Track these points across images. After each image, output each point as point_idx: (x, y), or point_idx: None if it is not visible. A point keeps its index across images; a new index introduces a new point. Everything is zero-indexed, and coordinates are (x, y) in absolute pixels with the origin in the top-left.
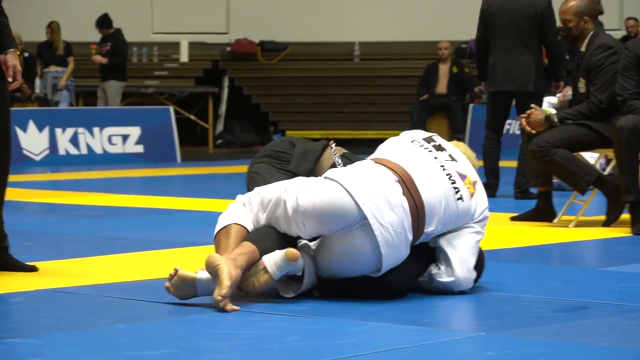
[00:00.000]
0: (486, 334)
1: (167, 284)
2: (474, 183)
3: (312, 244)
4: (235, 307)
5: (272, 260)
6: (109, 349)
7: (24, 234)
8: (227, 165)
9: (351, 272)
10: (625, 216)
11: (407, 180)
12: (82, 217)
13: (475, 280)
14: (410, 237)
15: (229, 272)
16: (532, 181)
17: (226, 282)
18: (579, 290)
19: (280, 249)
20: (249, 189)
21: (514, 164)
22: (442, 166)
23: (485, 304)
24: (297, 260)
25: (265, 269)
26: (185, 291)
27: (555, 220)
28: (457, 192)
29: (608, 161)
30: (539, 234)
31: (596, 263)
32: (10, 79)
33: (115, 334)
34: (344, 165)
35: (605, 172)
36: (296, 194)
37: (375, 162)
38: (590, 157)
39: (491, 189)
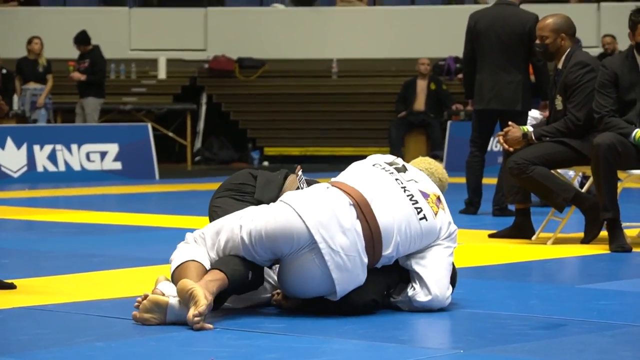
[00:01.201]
0: (464, 351)
1: (134, 312)
2: (438, 199)
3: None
4: (209, 326)
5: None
6: None
7: (1, 251)
8: (206, 182)
9: (306, 294)
10: (604, 233)
11: (362, 204)
12: (60, 234)
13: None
14: (366, 260)
15: (204, 293)
16: (510, 198)
17: (203, 301)
18: (558, 307)
19: (245, 272)
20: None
21: (493, 181)
22: (403, 187)
23: (463, 321)
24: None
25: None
26: (154, 315)
27: (534, 238)
28: (419, 212)
29: (586, 178)
30: (517, 251)
31: (574, 280)
32: None
33: (93, 351)
34: None
35: (583, 190)
36: (249, 219)
37: (332, 186)
38: (567, 174)
39: (473, 207)
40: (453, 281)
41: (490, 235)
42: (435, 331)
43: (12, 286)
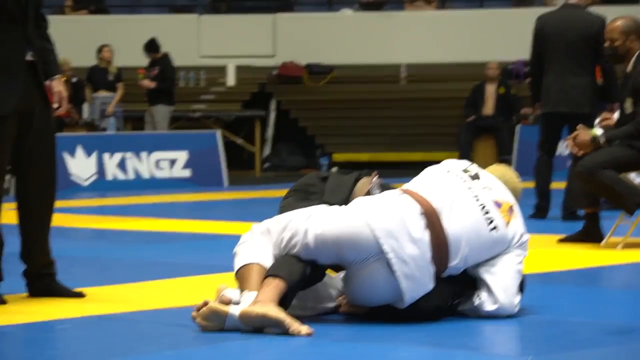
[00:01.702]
0: (533, 358)
1: (194, 313)
2: (510, 209)
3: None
4: (310, 330)
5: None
6: None
7: (71, 260)
8: (275, 189)
9: (372, 302)
10: None
11: (431, 214)
12: (130, 242)
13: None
14: (433, 269)
15: (278, 312)
16: (580, 203)
17: (285, 318)
18: (629, 312)
19: (302, 269)
20: None
21: (562, 185)
22: (475, 196)
23: (533, 327)
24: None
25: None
26: (212, 323)
27: (604, 242)
28: (490, 223)
29: None
30: (587, 256)
31: None
32: (55, 105)
33: None
34: None
35: None
36: (317, 222)
37: (403, 193)
38: (637, 177)
39: (542, 211)
40: (521, 288)
41: (560, 240)
42: (503, 338)
43: (80, 295)
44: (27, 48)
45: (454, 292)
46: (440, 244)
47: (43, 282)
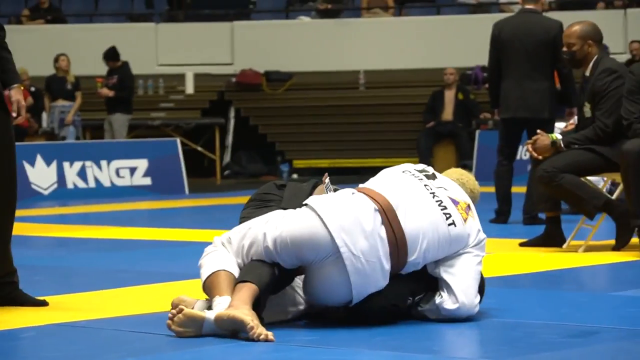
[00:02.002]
0: None
1: (168, 321)
2: (468, 207)
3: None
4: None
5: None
6: None
7: (33, 269)
8: (235, 196)
9: (327, 302)
10: (635, 240)
11: (387, 209)
12: (91, 250)
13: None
14: (387, 266)
15: (246, 313)
16: (540, 206)
17: (249, 321)
18: (589, 315)
19: (270, 271)
20: None
21: (523, 189)
22: (432, 193)
23: (494, 330)
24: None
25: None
26: (189, 329)
27: (565, 246)
28: (448, 218)
29: (615, 185)
30: (548, 260)
31: (606, 288)
32: (14, 114)
33: None
34: None
35: (613, 197)
36: (273, 226)
37: (358, 191)
38: (597, 181)
39: (503, 216)
40: (481, 290)
41: (521, 244)
42: (466, 341)
43: (44, 303)
44: None
45: (412, 290)
46: (397, 240)
47: (5, 290)
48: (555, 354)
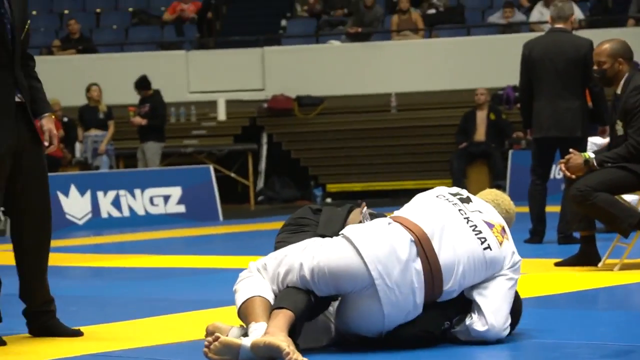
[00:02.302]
0: None
1: (205, 349)
2: (503, 230)
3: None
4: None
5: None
6: None
7: (68, 299)
8: (269, 222)
9: (359, 331)
10: None
11: (423, 240)
12: (126, 279)
13: (512, 328)
14: (421, 298)
15: (283, 340)
16: (575, 226)
17: (284, 347)
18: (627, 334)
19: (306, 297)
20: None
21: (557, 208)
22: (466, 218)
23: (533, 351)
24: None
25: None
26: (226, 357)
27: (600, 265)
28: (483, 242)
29: None
30: (583, 279)
31: None
32: (46, 143)
33: None
34: None
35: None
36: (310, 256)
37: (394, 221)
38: (632, 199)
39: (537, 236)
40: (518, 312)
41: (556, 264)
42: None
43: (79, 333)
44: (16, 89)
45: (447, 316)
46: (432, 271)
47: (42, 319)
48: None
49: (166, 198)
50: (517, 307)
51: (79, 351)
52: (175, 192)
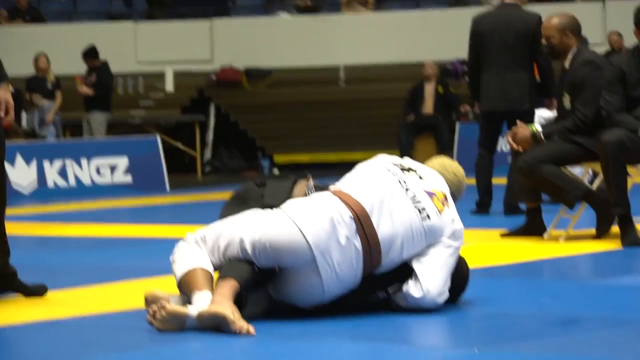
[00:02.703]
0: (479, 350)
1: (149, 317)
2: (445, 198)
3: None
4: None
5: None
6: None
7: (15, 268)
8: (216, 192)
9: (297, 303)
10: (615, 229)
11: (362, 218)
12: (73, 248)
13: (459, 293)
14: (360, 273)
15: (229, 309)
16: (521, 197)
17: (229, 315)
18: (571, 304)
19: (250, 267)
20: None
21: (503, 180)
22: (406, 189)
23: (478, 320)
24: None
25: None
26: (172, 325)
27: (545, 236)
28: (422, 212)
29: (595, 175)
30: (529, 250)
31: (587, 276)
32: (2, 113)
33: None
34: None
35: (593, 186)
36: (251, 230)
37: (335, 195)
38: (578, 171)
39: (484, 207)
40: (464, 277)
41: (502, 235)
42: (449, 331)
43: (43, 288)
44: None
45: (382, 286)
46: (371, 247)
47: (5, 280)
48: (538, 343)
49: (113, 168)
50: (463, 272)
51: (28, 318)
52: (122, 162)
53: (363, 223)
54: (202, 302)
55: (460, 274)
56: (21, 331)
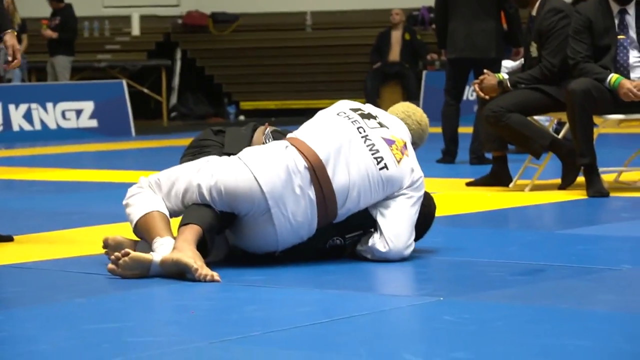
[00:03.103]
0: (444, 298)
1: (111, 265)
2: (404, 146)
3: None
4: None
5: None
6: (68, 323)
7: None
8: (182, 138)
9: (252, 249)
10: (581, 179)
11: (317, 168)
12: (39, 192)
13: (425, 231)
14: (314, 224)
15: (191, 257)
16: (487, 146)
17: (193, 263)
18: (536, 253)
19: (211, 212)
20: None
21: (470, 129)
22: (364, 137)
23: (443, 269)
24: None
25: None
26: (135, 272)
27: (511, 185)
28: (380, 162)
29: (561, 125)
30: (494, 199)
31: (553, 226)
32: (10, 58)
33: (74, 307)
34: None
35: (560, 136)
36: (208, 174)
37: (291, 144)
38: (544, 120)
39: (450, 156)
40: (430, 215)
41: (468, 184)
42: (414, 279)
43: (10, 238)
44: None
45: (337, 232)
46: (325, 198)
47: None
48: (502, 292)
49: (78, 112)
50: (430, 210)
51: None
52: (88, 106)
53: (318, 173)
54: (164, 249)
55: (426, 210)
56: None
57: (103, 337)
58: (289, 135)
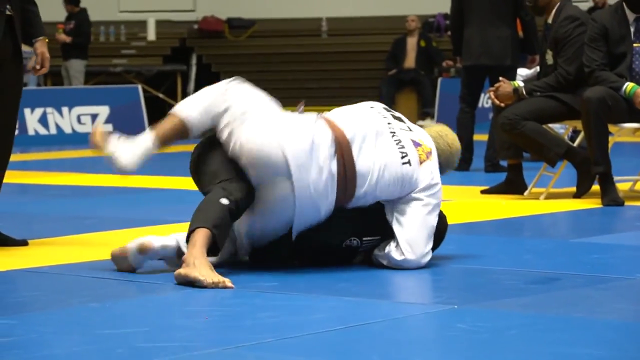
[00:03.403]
0: (458, 306)
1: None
2: (429, 153)
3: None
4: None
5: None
6: (82, 328)
7: None
8: (196, 143)
9: (267, 225)
10: (596, 187)
11: (343, 143)
12: (53, 197)
13: (435, 247)
14: (332, 199)
15: (200, 272)
16: (502, 154)
17: (198, 276)
18: (551, 262)
19: (223, 218)
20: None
21: (485, 137)
22: (392, 132)
23: (457, 276)
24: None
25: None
26: (125, 264)
27: (526, 193)
28: (404, 157)
29: (577, 133)
30: (509, 207)
31: (567, 235)
32: (38, 66)
33: (88, 312)
34: None
35: (575, 144)
36: (246, 125)
37: (320, 119)
38: (559, 128)
39: (465, 163)
40: (442, 232)
41: (483, 192)
42: (429, 287)
43: (24, 243)
44: (5, 2)
45: (354, 233)
46: (347, 174)
47: None
48: (516, 300)
49: (94, 117)
50: (440, 228)
51: (6, 266)
52: (103, 111)
53: (343, 148)
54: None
55: (438, 226)
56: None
57: (117, 342)
58: (318, 115)
